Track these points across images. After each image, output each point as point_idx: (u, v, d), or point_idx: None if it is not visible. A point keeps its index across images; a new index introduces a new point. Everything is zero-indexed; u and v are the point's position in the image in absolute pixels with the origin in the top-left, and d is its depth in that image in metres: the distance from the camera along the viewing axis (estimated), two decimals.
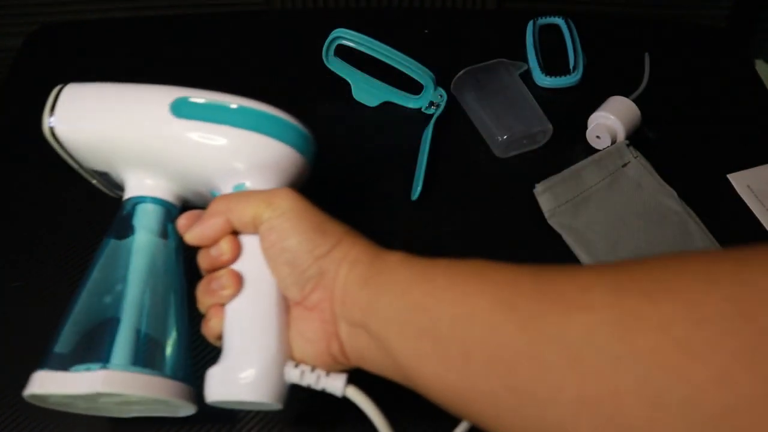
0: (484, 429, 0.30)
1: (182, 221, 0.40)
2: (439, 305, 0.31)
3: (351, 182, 0.60)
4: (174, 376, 0.38)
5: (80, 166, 0.44)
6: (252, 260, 0.38)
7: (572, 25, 0.72)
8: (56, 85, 0.42)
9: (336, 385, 0.36)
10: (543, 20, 0.73)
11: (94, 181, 0.47)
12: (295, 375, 0.36)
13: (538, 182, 0.57)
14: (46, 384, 0.35)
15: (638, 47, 0.72)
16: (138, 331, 0.38)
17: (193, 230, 0.38)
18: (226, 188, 0.41)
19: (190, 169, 0.41)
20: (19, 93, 0.67)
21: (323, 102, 0.67)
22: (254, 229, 0.37)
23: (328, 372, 0.36)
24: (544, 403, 0.26)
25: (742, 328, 0.21)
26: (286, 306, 0.38)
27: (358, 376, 0.37)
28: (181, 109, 0.40)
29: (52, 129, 0.40)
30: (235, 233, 0.39)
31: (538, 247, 0.56)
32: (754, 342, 0.21)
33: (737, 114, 0.67)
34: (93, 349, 0.36)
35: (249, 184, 0.40)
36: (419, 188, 0.58)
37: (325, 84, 0.66)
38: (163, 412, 0.41)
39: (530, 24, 0.72)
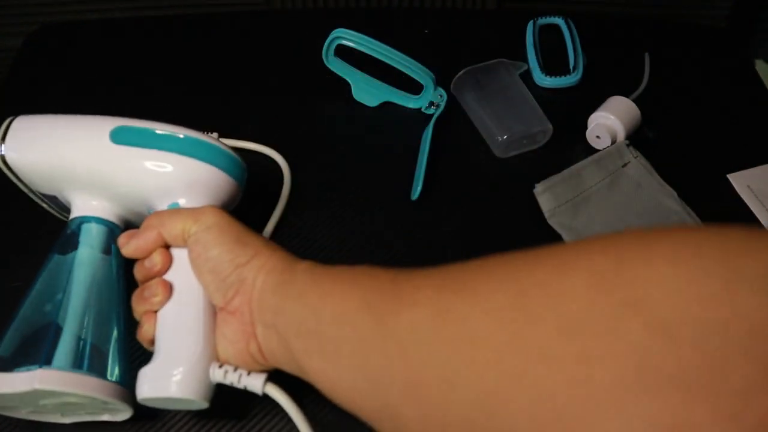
0: (360, 419, 0.33)
1: (122, 239, 0.43)
2: (324, 307, 0.35)
3: (351, 182, 0.60)
4: (113, 380, 0.40)
5: (30, 190, 0.47)
6: (181, 270, 0.41)
7: (572, 25, 0.72)
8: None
9: (256, 383, 0.39)
10: (543, 20, 0.73)
11: (44, 205, 0.49)
12: (219, 374, 0.39)
13: (538, 182, 0.57)
14: None
15: (638, 47, 0.72)
16: (79, 338, 0.40)
17: (129, 243, 0.42)
18: (162, 206, 0.44)
19: (128, 190, 0.45)
20: (19, 93, 0.67)
21: (323, 102, 0.67)
22: (183, 242, 0.41)
23: (250, 372, 0.39)
24: (384, 389, 0.30)
25: (517, 318, 0.25)
26: (212, 312, 0.41)
27: (284, 379, 0.39)
28: (119, 137, 0.44)
29: (2, 157, 0.44)
30: (167, 247, 0.42)
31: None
32: (523, 328, 0.24)
33: (737, 114, 0.67)
34: (34, 352, 0.39)
35: (183, 202, 0.44)
36: (419, 188, 0.58)
37: (325, 84, 0.66)
38: (104, 416, 0.43)
39: (530, 24, 0.72)
